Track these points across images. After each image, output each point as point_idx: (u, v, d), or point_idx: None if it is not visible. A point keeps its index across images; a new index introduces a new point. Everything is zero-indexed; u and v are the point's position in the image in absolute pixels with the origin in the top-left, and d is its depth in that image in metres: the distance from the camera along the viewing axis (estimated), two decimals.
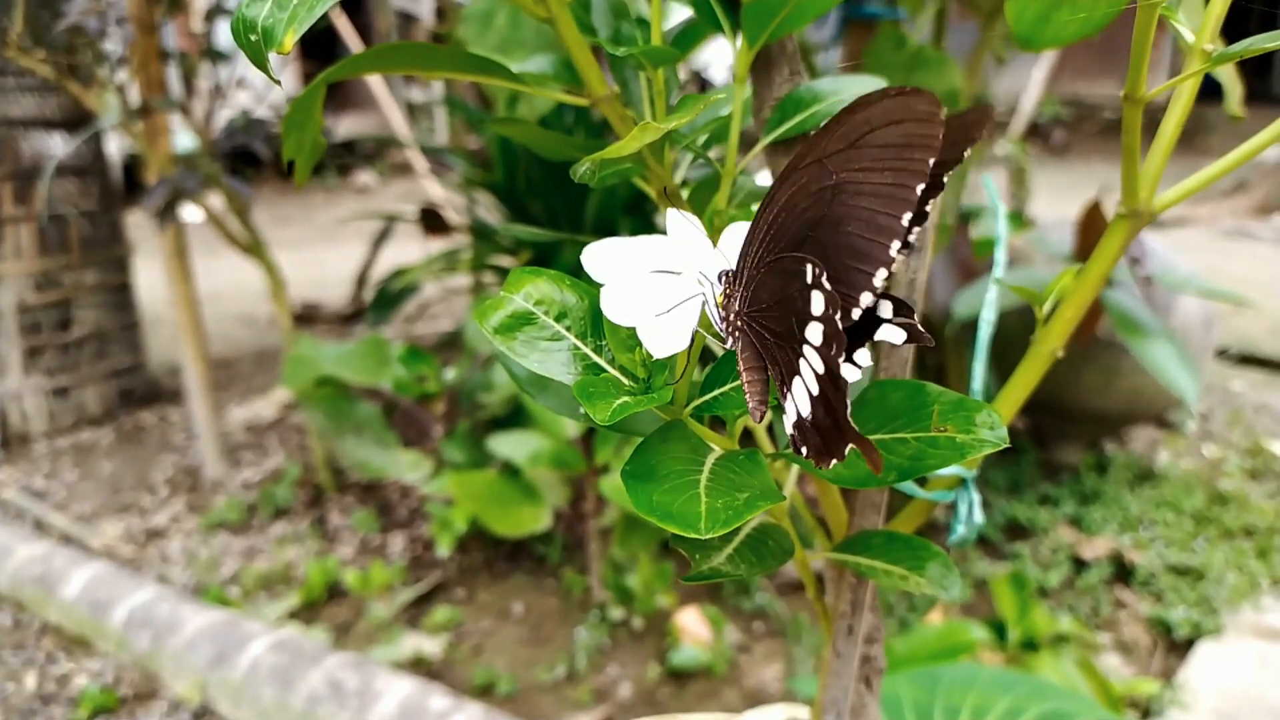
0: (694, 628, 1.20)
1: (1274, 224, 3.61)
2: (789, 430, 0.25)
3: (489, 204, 1.82)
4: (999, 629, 1.07)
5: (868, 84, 0.37)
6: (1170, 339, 1.26)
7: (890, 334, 0.26)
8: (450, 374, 1.45)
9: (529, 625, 1.27)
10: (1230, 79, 0.52)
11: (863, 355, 0.25)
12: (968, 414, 0.27)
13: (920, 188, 0.23)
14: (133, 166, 3.35)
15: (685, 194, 0.39)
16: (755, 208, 0.27)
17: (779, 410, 0.37)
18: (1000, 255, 0.42)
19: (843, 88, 0.37)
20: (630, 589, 1.26)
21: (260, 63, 0.24)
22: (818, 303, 0.23)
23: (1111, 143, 5.28)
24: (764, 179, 0.42)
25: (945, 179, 0.27)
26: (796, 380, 0.24)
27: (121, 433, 1.93)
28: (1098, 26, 0.47)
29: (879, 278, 0.24)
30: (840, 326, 0.23)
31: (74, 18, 1.32)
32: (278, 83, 0.24)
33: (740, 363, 0.26)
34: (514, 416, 1.34)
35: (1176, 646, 1.21)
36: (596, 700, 1.14)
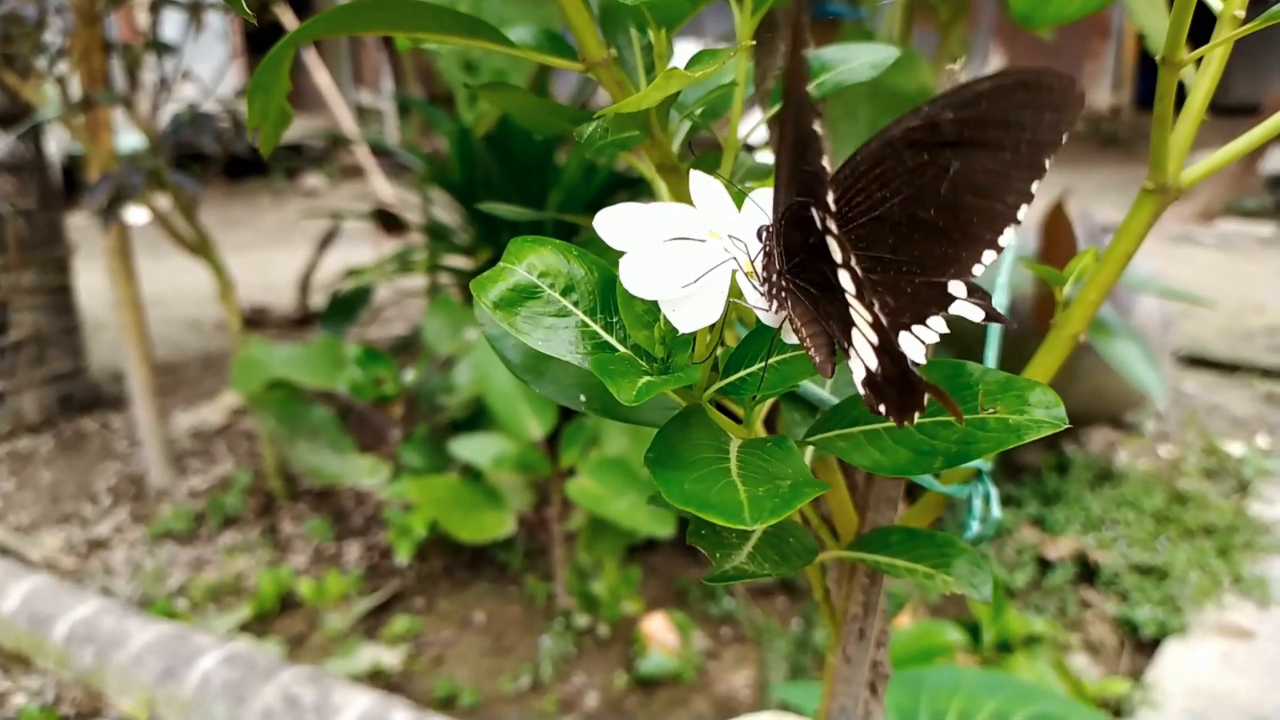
0: (661, 634, 1.18)
1: (1217, 230, 3.68)
2: (861, 390, 0.22)
3: (444, 204, 1.79)
4: (973, 631, 1.05)
5: (879, 51, 0.35)
6: (1135, 338, 1.26)
7: (967, 310, 0.24)
8: (409, 376, 1.41)
9: (491, 634, 1.24)
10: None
11: (937, 322, 0.23)
12: (1019, 393, 0.25)
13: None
14: (73, 167, 3.25)
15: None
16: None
17: (788, 398, 0.35)
18: (1011, 238, 0.40)
19: (852, 55, 0.35)
20: (596, 595, 1.23)
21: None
22: (835, 249, 0.21)
23: (1058, 150, 5.32)
24: (765, 158, 0.40)
25: (1048, 163, 0.25)
26: (855, 333, 0.22)
27: (61, 440, 1.86)
28: (1101, 3, 0.45)
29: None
30: (859, 273, 0.21)
31: (10, 5, 1.26)
32: (253, 21, 0.21)
33: (795, 320, 0.23)
34: (475, 419, 1.31)
35: (1143, 646, 1.21)
36: (562, 710, 1.11)
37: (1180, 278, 2.78)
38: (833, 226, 0.21)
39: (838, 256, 0.21)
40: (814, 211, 0.21)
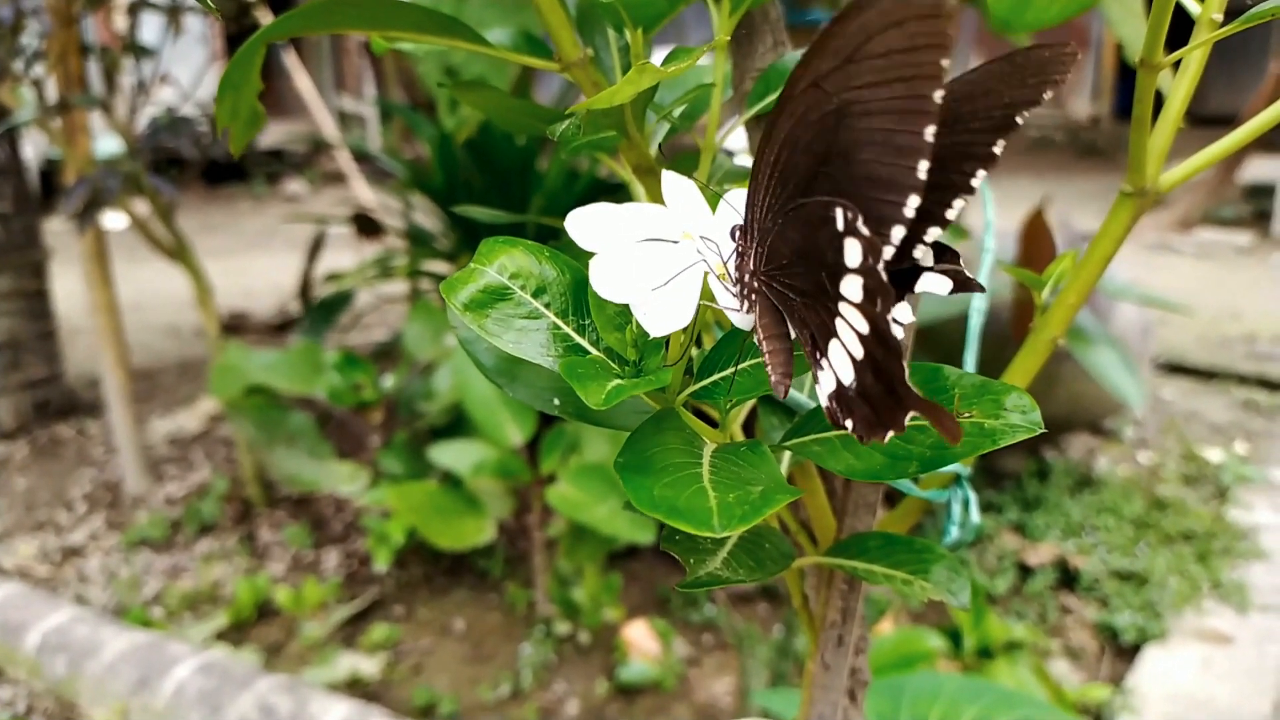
0: (642, 641, 1.17)
1: (1195, 238, 3.71)
2: (825, 402, 0.22)
3: (425, 209, 1.78)
4: (954, 637, 1.05)
5: None
6: (1114, 345, 1.26)
7: (934, 283, 0.23)
8: (388, 382, 1.40)
9: (471, 642, 1.23)
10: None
11: (903, 311, 0.22)
12: (995, 397, 0.24)
13: (937, 94, 0.20)
14: (51, 171, 3.22)
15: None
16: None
17: (766, 401, 0.34)
18: (990, 242, 0.40)
19: None
20: (576, 602, 1.22)
21: None
22: (853, 253, 0.20)
23: (1037, 159, 5.39)
24: (744, 161, 0.40)
25: (1020, 119, 0.24)
26: (834, 344, 0.21)
27: (36, 446, 1.83)
28: (1080, 6, 0.45)
29: (909, 206, 0.21)
30: (884, 278, 0.19)
31: None
32: (218, 14, 0.20)
33: (759, 330, 0.23)
34: (455, 425, 1.30)
35: (1123, 651, 1.22)
36: (543, 719, 1.10)
37: (1159, 286, 2.80)
38: (862, 228, 0.20)
39: (853, 262, 0.20)
40: (839, 211, 0.20)
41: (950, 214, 0.24)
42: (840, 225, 0.20)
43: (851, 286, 0.20)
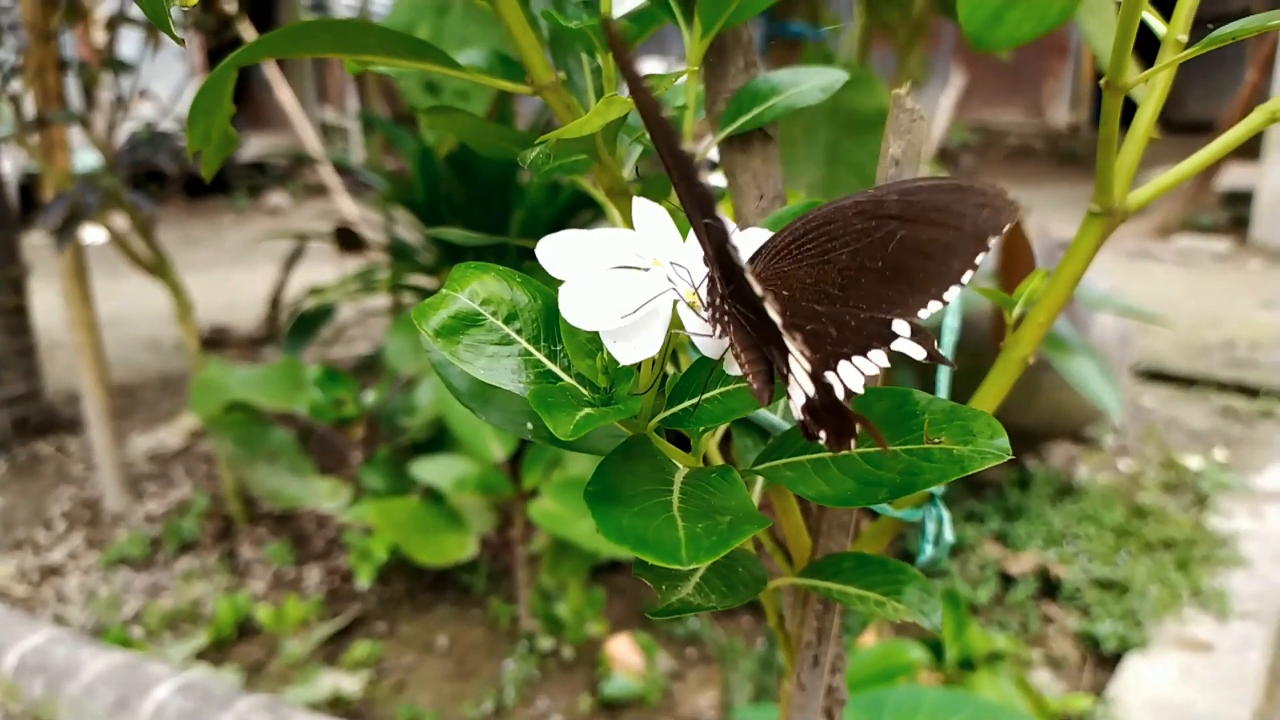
0: (626, 656, 1.17)
1: (1174, 245, 3.74)
2: (799, 416, 0.22)
3: (407, 223, 1.78)
4: (936, 648, 1.06)
5: (829, 75, 0.35)
6: (1092, 354, 1.27)
7: (910, 348, 0.24)
8: (369, 397, 1.39)
9: (454, 658, 1.22)
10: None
11: (879, 355, 0.23)
12: (964, 423, 0.24)
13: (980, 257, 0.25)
14: (30, 186, 3.20)
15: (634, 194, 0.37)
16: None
17: (740, 423, 0.34)
18: (955, 320, 0.40)
19: (801, 79, 0.35)
20: (559, 618, 1.21)
21: (160, 19, 0.21)
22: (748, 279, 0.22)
23: (1018, 168, 5.44)
24: (717, 180, 0.40)
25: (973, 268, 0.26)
26: (792, 359, 0.22)
27: (15, 464, 1.82)
28: (1053, 24, 0.46)
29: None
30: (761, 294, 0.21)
31: None
32: (180, 42, 0.20)
33: (735, 346, 0.23)
34: (437, 440, 1.30)
35: (1105, 660, 1.22)
36: None
37: (1138, 293, 2.82)
38: (731, 247, 0.22)
39: (757, 289, 0.21)
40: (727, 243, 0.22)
41: (948, 296, 0.26)
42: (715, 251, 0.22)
43: (770, 309, 0.22)
